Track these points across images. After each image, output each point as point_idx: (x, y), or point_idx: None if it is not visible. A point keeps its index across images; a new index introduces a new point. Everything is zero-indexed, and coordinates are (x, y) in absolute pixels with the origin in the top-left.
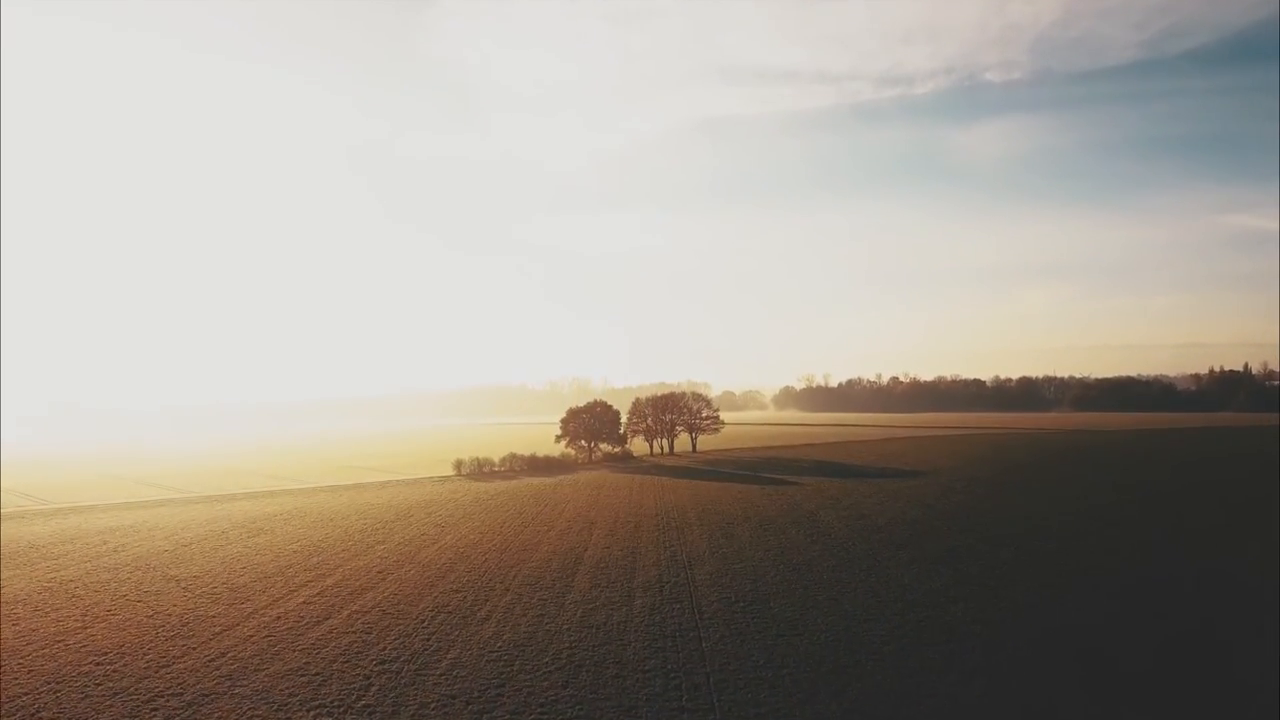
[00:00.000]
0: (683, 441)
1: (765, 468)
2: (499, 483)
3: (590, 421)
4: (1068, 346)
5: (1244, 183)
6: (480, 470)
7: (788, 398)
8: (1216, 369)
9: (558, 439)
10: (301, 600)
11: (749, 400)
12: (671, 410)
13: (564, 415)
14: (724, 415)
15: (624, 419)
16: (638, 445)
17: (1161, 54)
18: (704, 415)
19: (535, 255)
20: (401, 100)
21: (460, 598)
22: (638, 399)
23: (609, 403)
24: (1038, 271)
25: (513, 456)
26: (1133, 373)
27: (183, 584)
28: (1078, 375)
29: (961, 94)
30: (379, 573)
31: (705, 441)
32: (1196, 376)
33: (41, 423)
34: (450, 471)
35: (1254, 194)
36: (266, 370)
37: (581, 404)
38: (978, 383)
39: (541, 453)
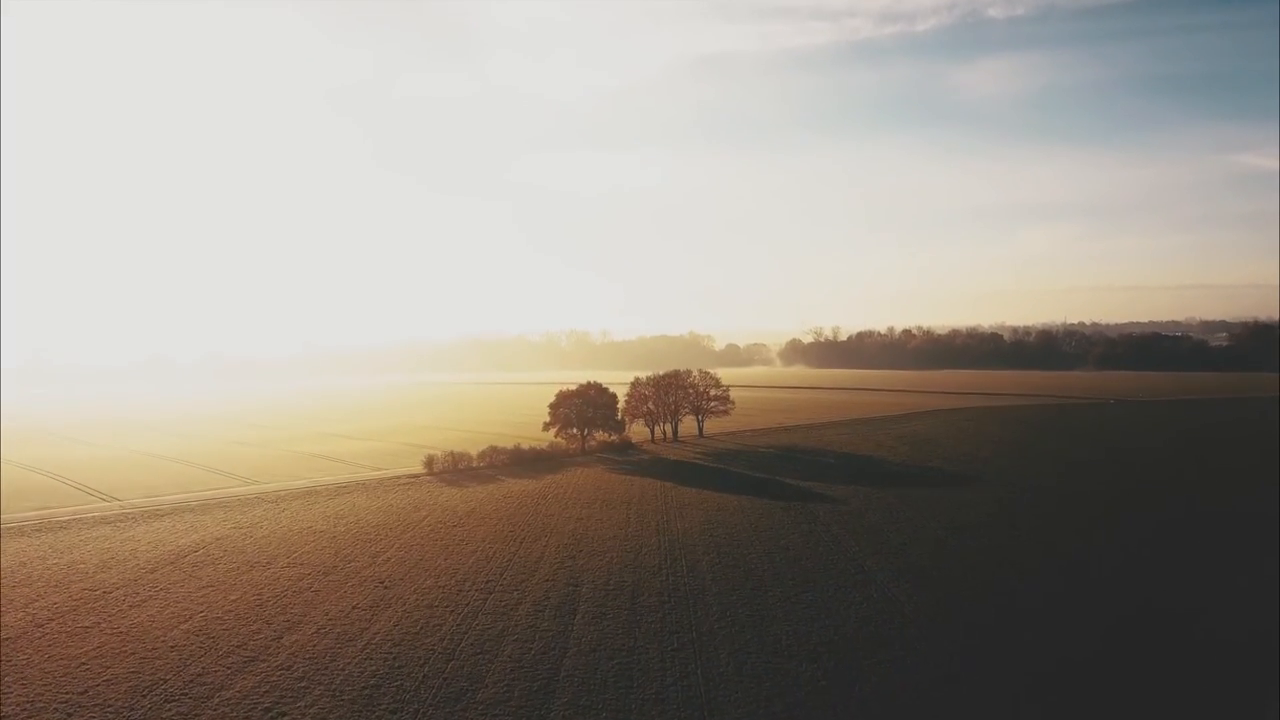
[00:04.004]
0: (688, 423)
1: (784, 465)
2: (474, 488)
3: (582, 407)
4: (1070, 288)
5: (1246, 121)
6: (455, 467)
7: (795, 352)
8: (1250, 320)
9: (546, 426)
10: None
11: (754, 354)
12: (675, 391)
13: (553, 400)
14: (729, 373)
15: (621, 401)
16: (638, 429)
17: None
18: (711, 395)
19: (529, 197)
20: (393, 40)
21: None
22: (637, 378)
23: (603, 384)
24: (1039, 212)
25: (493, 450)
26: (1140, 318)
27: None
28: (1089, 321)
29: (963, 31)
30: (264, 712)
31: (713, 420)
32: (1225, 328)
33: (12, 377)
34: (421, 468)
35: (1256, 132)
36: (251, 323)
37: (579, 356)
38: (995, 337)
39: (530, 431)
